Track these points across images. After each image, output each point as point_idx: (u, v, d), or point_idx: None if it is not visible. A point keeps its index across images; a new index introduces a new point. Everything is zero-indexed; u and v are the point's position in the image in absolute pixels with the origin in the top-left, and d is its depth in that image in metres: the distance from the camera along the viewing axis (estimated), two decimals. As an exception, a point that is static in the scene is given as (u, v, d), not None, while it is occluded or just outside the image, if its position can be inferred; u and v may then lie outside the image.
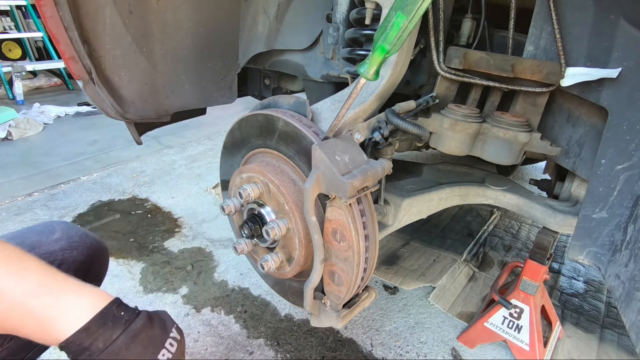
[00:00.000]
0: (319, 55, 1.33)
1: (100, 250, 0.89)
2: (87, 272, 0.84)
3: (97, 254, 0.87)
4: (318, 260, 0.87)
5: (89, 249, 0.85)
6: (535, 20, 0.95)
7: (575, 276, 1.84)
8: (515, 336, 1.32)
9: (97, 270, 0.88)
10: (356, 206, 0.82)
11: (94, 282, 0.86)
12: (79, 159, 2.96)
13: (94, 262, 0.86)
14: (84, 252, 0.83)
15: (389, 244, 1.98)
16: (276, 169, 0.92)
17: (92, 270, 0.86)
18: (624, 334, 1.48)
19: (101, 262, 0.89)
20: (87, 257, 0.84)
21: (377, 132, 0.93)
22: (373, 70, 0.67)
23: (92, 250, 0.85)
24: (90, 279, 0.85)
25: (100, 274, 0.89)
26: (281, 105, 0.95)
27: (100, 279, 0.90)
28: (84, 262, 0.83)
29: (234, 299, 1.60)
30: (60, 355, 1.33)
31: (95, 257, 0.86)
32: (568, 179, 1.16)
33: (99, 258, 0.88)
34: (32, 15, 5.17)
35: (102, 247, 0.90)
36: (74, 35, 1.09)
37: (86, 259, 0.83)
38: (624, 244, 0.82)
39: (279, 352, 1.37)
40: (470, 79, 1.04)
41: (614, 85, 0.84)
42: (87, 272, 0.84)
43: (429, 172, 1.35)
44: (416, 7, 0.61)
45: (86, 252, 0.84)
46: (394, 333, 1.47)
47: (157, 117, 1.42)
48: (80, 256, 0.82)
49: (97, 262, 0.87)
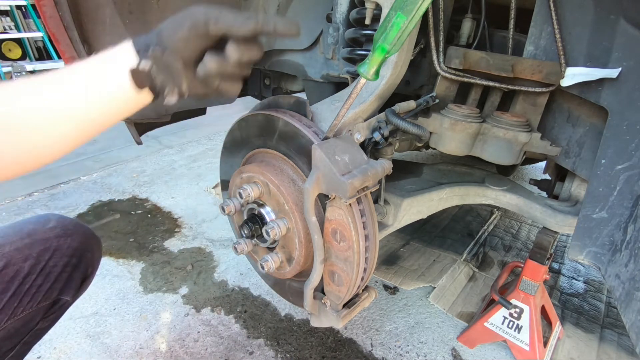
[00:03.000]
0: (319, 55, 1.33)
1: (93, 238, 0.92)
2: (81, 258, 0.88)
3: (90, 241, 0.90)
4: (318, 260, 0.87)
5: (82, 235, 0.88)
6: (535, 20, 0.95)
7: (575, 276, 1.84)
8: (515, 336, 1.32)
9: (91, 257, 0.91)
10: (356, 206, 0.82)
11: (87, 268, 0.90)
12: (79, 159, 2.96)
13: (87, 248, 0.89)
14: (77, 239, 0.86)
15: (389, 244, 1.98)
16: (276, 169, 0.92)
17: (86, 257, 0.89)
18: (624, 334, 1.48)
19: (94, 249, 0.92)
20: (80, 243, 0.87)
21: (377, 132, 0.93)
22: (373, 70, 0.67)
23: (85, 237, 0.89)
24: (84, 264, 0.88)
25: (93, 261, 0.92)
26: (281, 105, 0.95)
27: (94, 266, 0.93)
28: (77, 249, 0.86)
29: (234, 299, 1.60)
30: (60, 355, 1.33)
31: (89, 244, 0.89)
32: (568, 179, 1.16)
33: (92, 245, 0.91)
34: (32, 15, 5.17)
35: (95, 236, 0.94)
36: (74, 35, 1.09)
37: (80, 245, 0.87)
38: (624, 244, 0.82)
39: (279, 352, 1.37)
40: (470, 79, 1.04)
41: (614, 85, 0.84)
42: (80, 257, 0.87)
43: (429, 172, 1.35)
44: (416, 7, 0.61)
45: (79, 239, 0.87)
46: (394, 333, 1.47)
47: (157, 117, 1.42)
48: (74, 242, 0.86)
49: (90, 249, 0.90)
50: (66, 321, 1.45)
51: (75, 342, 1.38)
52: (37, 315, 0.81)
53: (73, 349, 1.36)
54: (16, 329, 0.77)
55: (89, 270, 0.90)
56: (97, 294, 1.60)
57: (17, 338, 0.80)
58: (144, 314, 1.51)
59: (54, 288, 0.82)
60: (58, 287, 0.83)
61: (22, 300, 0.76)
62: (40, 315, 0.82)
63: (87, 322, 1.46)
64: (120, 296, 1.60)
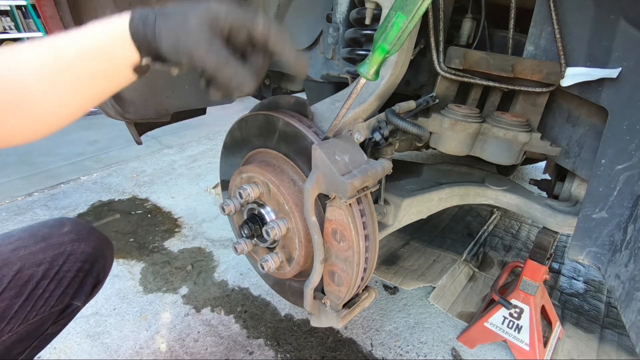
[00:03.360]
0: (319, 55, 1.33)
1: (107, 244, 0.93)
2: (94, 263, 0.87)
3: (104, 247, 0.91)
4: (318, 260, 0.87)
5: (96, 241, 0.88)
6: (535, 20, 0.95)
7: (575, 276, 1.84)
8: (515, 336, 1.32)
9: (103, 263, 0.91)
10: (356, 206, 0.82)
11: (99, 274, 0.90)
12: (79, 159, 2.96)
13: (99, 254, 0.89)
14: (91, 244, 0.86)
15: (389, 244, 1.98)
16: (276, 169, 0.92)
17: (98, 262, 0.89)
18: (624, 334, 1.48)
19: (106, 255, 0.92)
20: (94, 248, 0.87)
21: (377, 132, 0.93)
22: (373, 70, 0.67)
23: (98, 242, 0.89)
24: (96, 270, 0.88)
25: (105, 267, 0.92)
26: (281, 105, 0.95)
27: (106, 272, 0.93)
28: (90, 254, 0.86)
29: (234, 299, 1.60)
30: (60, 355, 1.33)
31: (102, 250, 0.89)
32: (568, 179, 1.16)
33: (104, 251, 0.91)
34: (32, 15, 5.17)
35: (108, 241, 0.94)
36: (74, 35, 1.09)
37: (93, 250, 0.87)
38: (624, 244, 0.82)
39: (279, 352, 1.37)
40: (470, 79, 1.04)
41: (614, 85, 0.84)
42: (93, 263, 0.87)
43: (429, 172, 1.35)
44: (416, 7, 0.61)
45: (93, 244, 0.87)
46: (394, 333, 1.47)
47: (157, 117, 1.42)
48: (88, 248, 0.86)
49: (103, 255, 0.90)
50: (66, 321, 1.45)
51: (75, 342, 1.38)
52: (49, 320, 0.81)
53: (73, 349, 1.36)
54: (27, 333, 0.77)
55: (100, 276, 0.90)
56: (97, 294, 1.60)
57: (28, 342, 0.79)
58: (144, 314, 1.51)
59: (66, 293, 0.82)
60: (70, 292, 0.82)
61: (35, 304, 0.76)
62: (52, 320, 0.82)
63: (87, 322, 1.46)
64: (120, 296, 1.60)
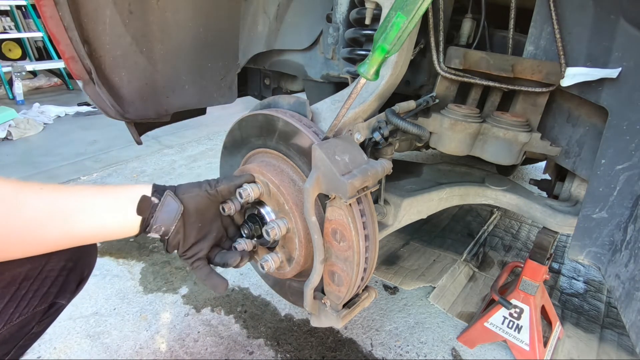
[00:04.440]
0: (319, 55, 1.33)
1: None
2: (77, 261, 0.87)
3: (86, 247, 0.90)
4: (318, 260, 0.87)
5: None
6: (535, 20, 0.95)
7: (575, 276, 1.84)
8: (515, 336, 1.32)
9: (87, 260, 0.91)
10: (356, 206, 0.82)
11: (83, 271, 0.90)
12: (79, 159, 2.96)
13: (83, 251, 0.89)
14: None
15: (389, 244, 1.98)
16: (276, 169, 0.92)
17: (82, 259, 0.89)
18: (624, 334, 1.48)
19: (91, 252, 0.93)
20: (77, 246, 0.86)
21: (377, 132, 0.93)
22: (373, 70, 0.67)
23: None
24: (80, 267, 0.89)
25: (90, 263, 0.93)
26: (281, 105, 0.95)
27: (90, 268, 0.93)
28: (74, 252, 0.86)
29: (234, 299, 1.60)
30: (60, 355, 1.33)
31: (85, 247, 0.89)
32: (568, 179, 1.16)
33: (88, 248, 0.91)
34: (32, 15, 5.17)
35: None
36: (74, 35, 1.09)
37: (76, 248, 0.86)
38: (624, 244, 0.82)
39: (279, 352, 1.37)
40: (470, 79, 1.04)
41: (614, 85, 0.84)
42: (77, 261, 0.87)
43: (429, 172, 1.35)
44: (416, 7, 0.61)
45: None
46: (394, 333, 1.47)
47: (157, 117, 1.42)
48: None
49: (87, 253, 0.90)
50: (66, 321, 1.45)
51: (75, 342, 1.38)
52: (33, 319, 0.81)
53: (73, 349, 1.36)
54: (12, 333, 0.77)
55: (85, 273, 0.90)
56: (97, 294, 1.60)
57: (13, 343, 0.80)
58: (144, 314, 1.51)
59: (50, 292, 0.82)
60: (54, 291, 0.82)
61: (19, 305, 0.76)
62: (36, 320, 0.82)
63: (87, 322, 1.46)
64: (120, 296, 1.60)
